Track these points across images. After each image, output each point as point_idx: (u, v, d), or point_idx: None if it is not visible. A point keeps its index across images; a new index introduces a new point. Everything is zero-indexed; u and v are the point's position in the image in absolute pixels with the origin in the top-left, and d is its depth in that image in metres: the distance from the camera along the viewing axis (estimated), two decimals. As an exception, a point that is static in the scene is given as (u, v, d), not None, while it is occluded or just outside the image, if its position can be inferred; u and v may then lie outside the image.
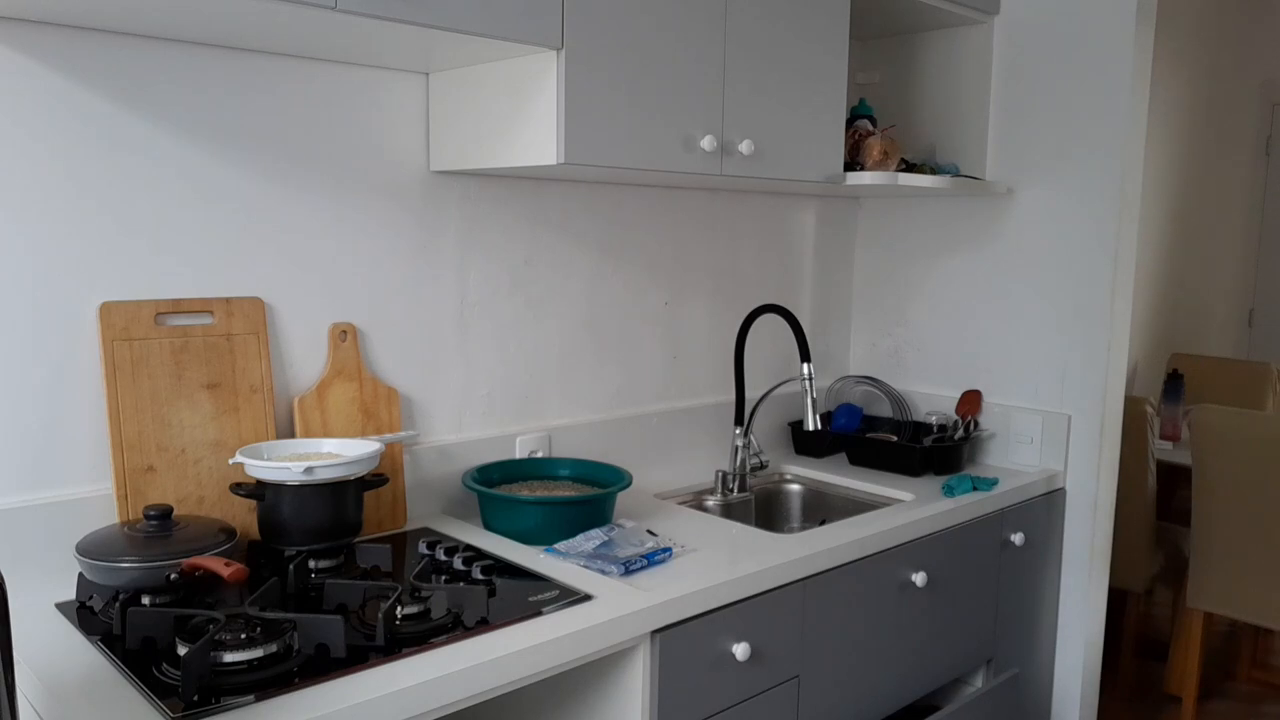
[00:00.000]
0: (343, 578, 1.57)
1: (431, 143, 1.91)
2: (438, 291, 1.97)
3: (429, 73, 1.89)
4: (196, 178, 1.64)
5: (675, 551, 1.75)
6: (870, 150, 2.26)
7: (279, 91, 1.72)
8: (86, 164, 1.53)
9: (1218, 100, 4.68)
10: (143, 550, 1.40)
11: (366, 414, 1.84)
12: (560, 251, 2.16)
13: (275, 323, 1.76)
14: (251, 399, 1.70)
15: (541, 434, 2.14)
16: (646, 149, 1.77)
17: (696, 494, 2.29)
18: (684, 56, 1.80)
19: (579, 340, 2.22)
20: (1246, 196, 5.08)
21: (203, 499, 1.63)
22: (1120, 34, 2.29)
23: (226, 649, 1.24)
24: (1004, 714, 2.33)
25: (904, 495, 2.22)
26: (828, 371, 2.85)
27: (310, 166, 1.77)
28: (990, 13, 2.46)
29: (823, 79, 2.09)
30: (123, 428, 1.56)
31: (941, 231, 2.65)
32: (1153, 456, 3.10)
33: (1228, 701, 3.29)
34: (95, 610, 1.41)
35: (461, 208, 1.99)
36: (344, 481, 1.62)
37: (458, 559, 1.66)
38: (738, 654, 1.66)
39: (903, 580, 2.03)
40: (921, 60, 2.61)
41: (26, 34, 1.46)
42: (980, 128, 2.52)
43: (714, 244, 2.48)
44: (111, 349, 1.55)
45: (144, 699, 1.17)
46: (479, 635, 1.38)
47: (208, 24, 1.49)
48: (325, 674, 1.25)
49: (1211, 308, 4.91)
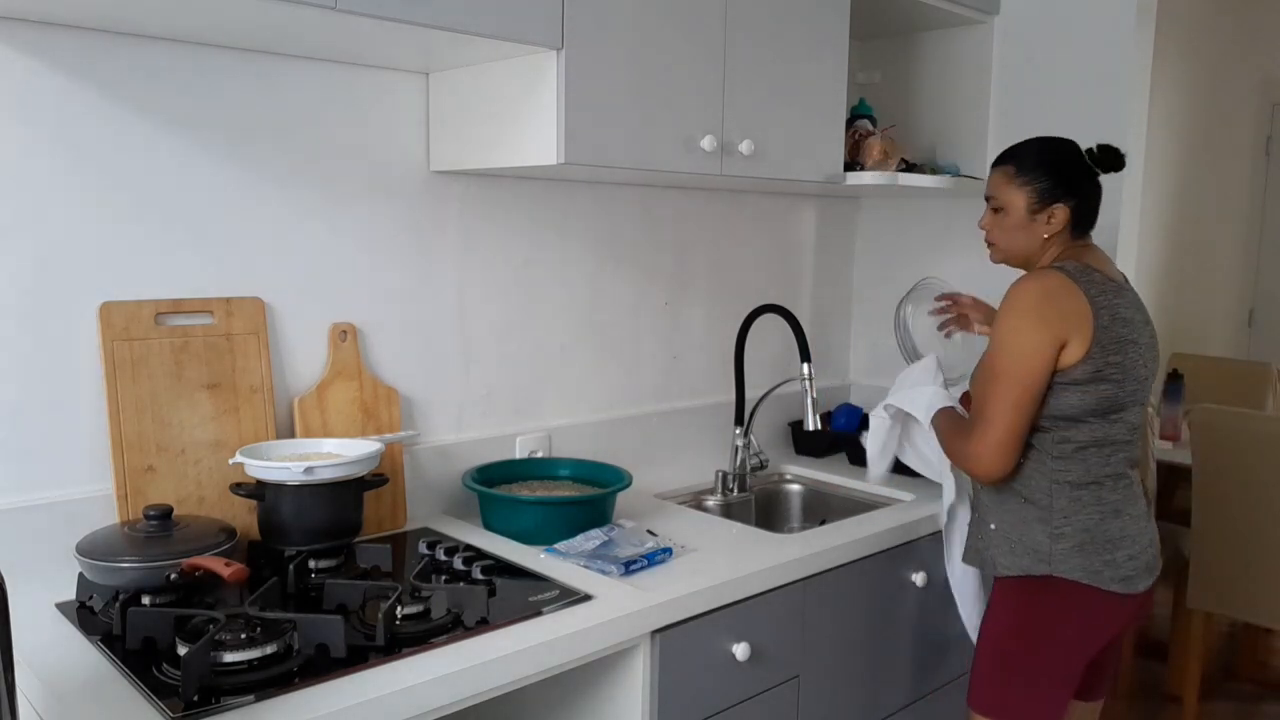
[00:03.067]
0: (343, 578, 1.57)
1: (431, 143, 1.91)
2: (438, 291, 1.97)
3: (429, 73, 1.89)
4: (196, 177, 1.64)
5: (675, 551, 1.75)
6: (870, 150, 2.26)
7: (279, 91, 1.72)
8: (86, 164, 1.53)
9: (1218, 100, 4.68)
10: (143, 550, 1.40)
11: (366, 414, 1.84)
12: (560, 251, 2.16)
13: (275, 323, 1.76)
14: (251, 399, 1.70)
15: (541, 434, 2.14)
16: (646, 149, 1.77)
17: (696, 494, 2.29)
18: (684, 56, 1.80)
19: (579, 340, 2.22)
20: (1246, 197, 5.08)
21: (203, 499, 1.63)
22: (1120, 34, 2.29)
23: (226, 649, 1.24)
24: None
25: (904, 495, 2.22)
26: (828, 372, 2.84)
27: (310, 166, 1.77)
28: (990, 13, 2.46)
29: (823, 79, 2.09)
30: (123, 428, 1.56)
31: (941, 231, 2.65)
32: (1153, 456, 3.10)
33: (1228, 701, 3.28)
34: (95, 610, 1.41)
35: (461, 208, 1.99)
36: (344, 481, 1.62)
37: (458, 559, 1.66)
38: (738, 654, 1.66)
39: (902, 580, 2.03)
40: (921, 60, 2.61)
41: (27, 34, 1.46)
42: (980, 128, 2.51)
43: (714, 244, 2.47)
44: (111, 349, 1.55)
45: (144, 699, 1.17)
46: (479, 635, 1.38)
47: (208, 24, 1.49)
48: (325, 674, 1.25)
49: (1211, 308, 4.91)
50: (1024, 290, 1.65)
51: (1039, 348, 1.62)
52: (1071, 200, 1.72)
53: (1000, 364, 1.65)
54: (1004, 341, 1.65)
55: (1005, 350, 1.65)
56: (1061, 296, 1.62)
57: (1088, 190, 1.73)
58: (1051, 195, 1.72)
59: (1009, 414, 1.64)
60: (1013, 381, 1.63)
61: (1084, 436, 1.68)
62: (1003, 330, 1.66)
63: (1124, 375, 1.65)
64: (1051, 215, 1.72)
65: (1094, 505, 1.69)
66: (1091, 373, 1.63)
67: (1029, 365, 1.62)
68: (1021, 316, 1.63)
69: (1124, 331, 1.65)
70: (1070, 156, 1.74)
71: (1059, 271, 1.66)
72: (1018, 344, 1.63)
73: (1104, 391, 1.64)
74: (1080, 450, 1.68)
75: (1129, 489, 1.72)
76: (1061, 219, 1.72)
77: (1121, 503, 1.70)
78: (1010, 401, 1.64)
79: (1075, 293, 1.62)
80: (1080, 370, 1.63)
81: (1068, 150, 1.75)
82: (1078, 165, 1.73)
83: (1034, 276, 1.67)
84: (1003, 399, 1.64)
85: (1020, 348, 1.63)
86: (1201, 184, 4.64)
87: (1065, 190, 1.72)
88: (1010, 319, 1.65)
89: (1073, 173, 1.73)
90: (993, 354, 1.67)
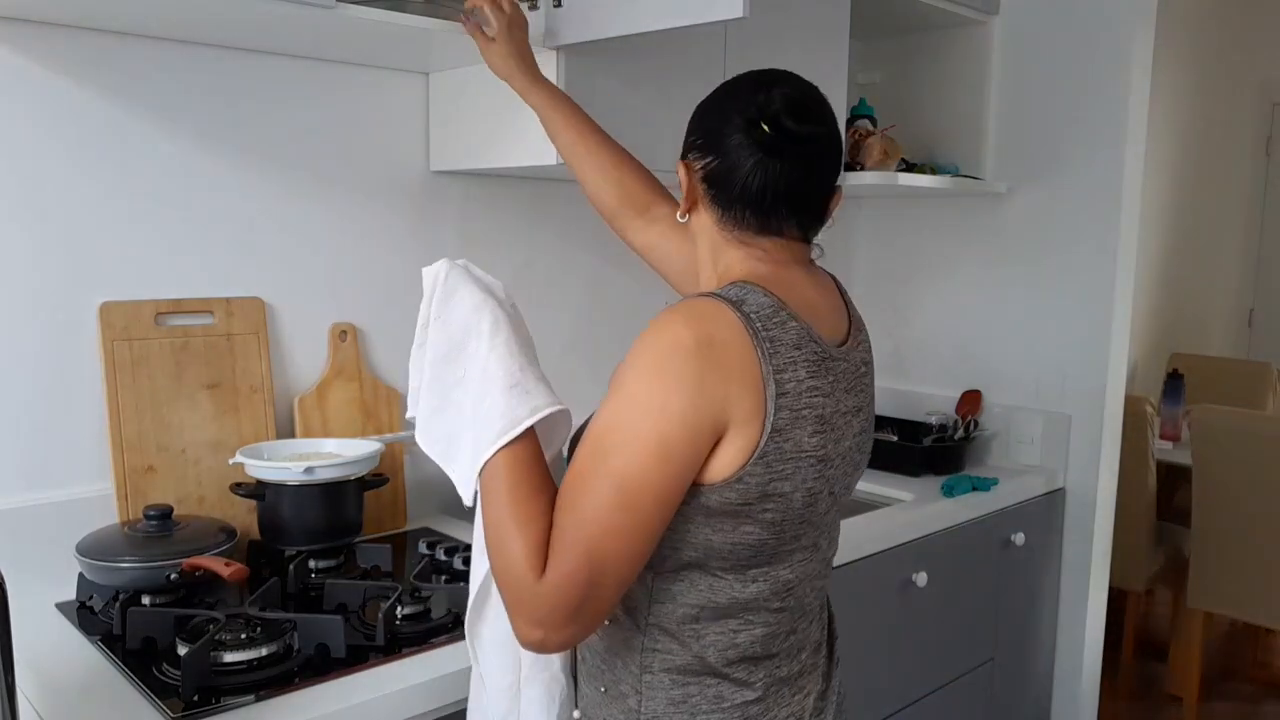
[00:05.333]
0: (343, 578, 1.57)
1: (431, 143, 1.91)
2: (438, 291, 1.97)
3: (429, 73, 1.89)
4: (197, 178, 1.64)
5: (675, 551, 1.74)
6: (870, 150, 2.26)
7: (279, 91, 1.72)
8: (86, 164, 1.53)
9: (1218, 100, 4.67)
10: (143, 550, 1.40)
11: (366, 414, 1.84)
12: (560, 251, 2.16)
13: (275, 323, 1.76)
14: (251, 399, 1.70)
15: (541, 434, 2.13)
16: (646, 149, 1.76)
17: (696, 494, 2.28)
18: (685, 56, 1.80)
19: (579, 340, 2.21)
20: (1246, 196, 5.08)
21: (203, 499, 1.63)
22: (1120, 34, 2.29)
23: (226, 649, 1.24)
24: (1003, 714, 2.33)
25: (904, 495, 2.22)
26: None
27: (310, 166, 1.77)
28: (990, 13, 2.46)
29: (823, 79, 2.08)
30: (123, 428, 1.56)
31: (941, 231, 2.65)
32: (1153, 456, 3.10)
33: (1228, 701, 3.28)
34: (95, 610, 1.41)
35: (461, 208, 1.98)
36: (344, 481, 1.62)
37: (458, 559, 1.66)
38: (738, 654, 1.66)
39: (903, 580, 2.03)
40: (921, 60, 2.61)
41: (27, 34, 1.46)
42: (980, 128, 2.51)
43: (714, 244, 2.47)
44: (111, 349, 1.55)
45: (144, 699, 1.17)
46: (479, 635, 1.38)
47: (207, 24, 1.48)
48: (325, 674, 1.25)
49: (1211, 308, 4.91)
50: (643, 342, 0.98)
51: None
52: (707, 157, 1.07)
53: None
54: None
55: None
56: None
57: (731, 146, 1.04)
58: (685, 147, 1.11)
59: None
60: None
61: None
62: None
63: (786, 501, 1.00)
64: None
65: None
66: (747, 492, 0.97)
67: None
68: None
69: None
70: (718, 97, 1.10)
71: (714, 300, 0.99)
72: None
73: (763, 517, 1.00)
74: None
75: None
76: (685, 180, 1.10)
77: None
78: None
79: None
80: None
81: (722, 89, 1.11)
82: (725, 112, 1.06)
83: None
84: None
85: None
86: (1201, 184, 4.63)
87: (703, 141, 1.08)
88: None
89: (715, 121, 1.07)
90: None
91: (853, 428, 1.06)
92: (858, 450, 1.08)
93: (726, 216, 1.07)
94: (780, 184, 1.03)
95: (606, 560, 0.92)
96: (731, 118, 1.05)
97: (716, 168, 1.05)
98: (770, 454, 0.96)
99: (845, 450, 1.04)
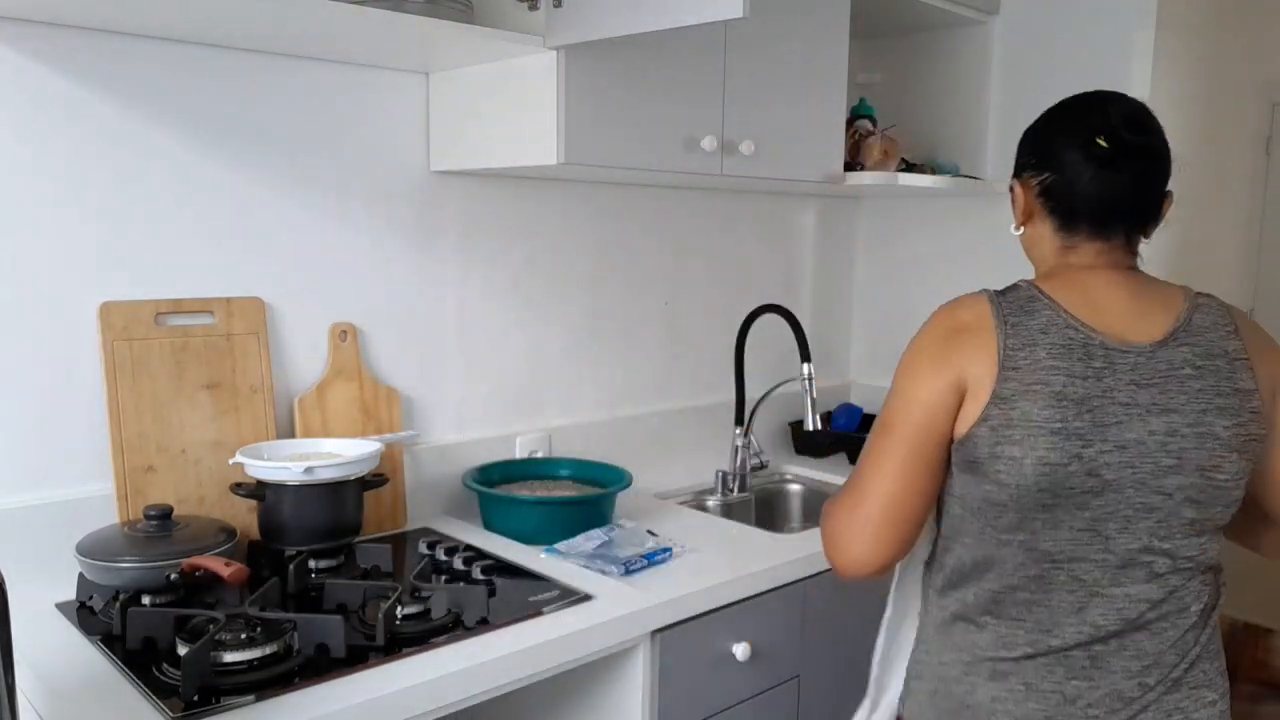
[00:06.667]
0: (343, 578, 1.57)
1: (431, 143, 1.91)
2: (438, 291, 1.97)
3: (429, 73, 1.89)
4: (196, 178, 1.64)
5: (675, 551, 1.75)
6: (870, 150, 2.26)
7: (279, 91, 1.72)
8: (86, 164, 1.53)
9: (1218, 100, 4.68)
10: (143, 550, 1.40)
11: (366, 414, 1.84)
12: (560, 251, 2.16)
13: (275, 323, 1.76)
14: (251, 399, 1.70)
15: (541, 434, 2.14)
16: (647, 149, 1.77)
17: (696, 494, 2.28)
18: (685, 56, 1.80)
19: (579, 340, 2.21)
20: (1246, 196, 5.08)
21: (203, 499, 1.63)
22: (1120, 34, 2.29)
23: (226, 649, 1.24)
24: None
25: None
26: (828, 372, 2.84)
27: (310, 166, 1.77)
28: (990, 13, 2.46)
29: (823, 79, 2.09)
30: (123, 428, 1.56)
31: (941, 231, 2.65)
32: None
33: (1228, 701, 3.28)
34: (95, 610, 1.41)
35: (461, 208, 1.98)
36: (344, 481, 1.62)
37: (458, 559, 1.66)
38: (738, 654, 1.66)
39: (903, 580, 2.03)
40: (921, 60, 2.61)
41: (27, 34, 1.46)
42: (980, 128, 2.51)
43: (714, 244, 2.47)
44: (111, 349, 1.55)
45: (144, 699, 1.17)
46: (479, 635, 1.38)
47: (207, 24, 1.48)
48: (325, 674, 1.25)
49: (1211, 308, 4.90)
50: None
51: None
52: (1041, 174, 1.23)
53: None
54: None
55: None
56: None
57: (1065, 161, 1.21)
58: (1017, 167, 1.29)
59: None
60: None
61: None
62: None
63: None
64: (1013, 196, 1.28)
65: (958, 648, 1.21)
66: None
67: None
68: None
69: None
70: (1049, 119, 1.32)
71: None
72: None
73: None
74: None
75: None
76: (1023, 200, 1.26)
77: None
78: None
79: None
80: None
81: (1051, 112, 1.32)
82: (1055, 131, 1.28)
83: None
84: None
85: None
86: (1201, 184, 4.64)
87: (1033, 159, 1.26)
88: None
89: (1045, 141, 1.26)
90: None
91: (1148, 423, 1.10)
92: (1162, 449, 1.11)
93: (1063, 225, 1.21)
94: (1116, 191, 1.18)
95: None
96: (1066, 136, 1.22)
97: (1054, 183, 1.20)
98: (994, 417, 1.10)
99: (1129, 440, 1.10)
